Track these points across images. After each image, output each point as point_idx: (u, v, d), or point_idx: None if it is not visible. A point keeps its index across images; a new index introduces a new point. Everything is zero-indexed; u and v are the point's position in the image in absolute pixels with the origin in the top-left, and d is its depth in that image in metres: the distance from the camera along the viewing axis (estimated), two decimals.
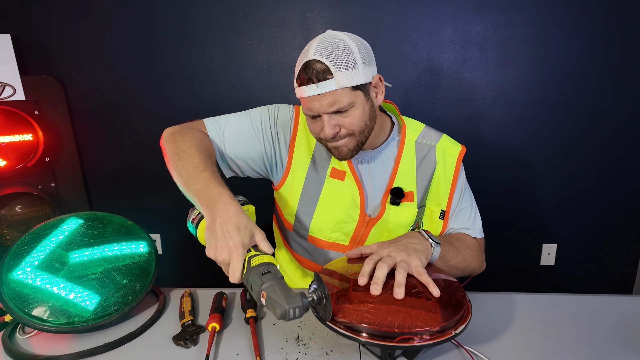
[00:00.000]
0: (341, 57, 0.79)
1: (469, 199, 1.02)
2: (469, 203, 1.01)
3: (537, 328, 0.80)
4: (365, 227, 0.97)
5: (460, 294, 0.69)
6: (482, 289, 0.94)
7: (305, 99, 0.82)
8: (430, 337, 0.61)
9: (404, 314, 0.63)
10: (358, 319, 0.63)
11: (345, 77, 0.79)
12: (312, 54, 0.79)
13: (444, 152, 0.98)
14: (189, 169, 0.79)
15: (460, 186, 1.00)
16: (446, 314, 0.64)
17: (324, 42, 0.80)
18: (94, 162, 2.03)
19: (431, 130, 1.01)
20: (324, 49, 0.79)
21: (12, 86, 1.70)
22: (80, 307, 0.78)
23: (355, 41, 0.82)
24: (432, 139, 0.99)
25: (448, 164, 0.98)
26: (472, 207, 1.02)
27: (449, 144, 1.00)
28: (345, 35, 0.82)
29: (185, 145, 0.85)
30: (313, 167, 0.97)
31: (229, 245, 0.66)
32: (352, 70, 0.80)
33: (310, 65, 0.79)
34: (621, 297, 0.91)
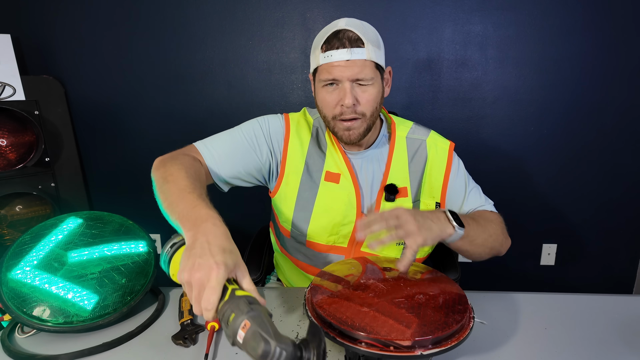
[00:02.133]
0: (370, 34, 0.85)
1: (471, 182, 1.05)
2: (474, 184, 1.05)
3: (541, 327, 0.80)
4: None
5: (457, 317, 0.64)
6: (482, 288, 0.94)
7: (331, 64, 0.84)
8: (393, 349, 0.59)
9: (381, 321, 0.62)
10: (330, 313, 0.63)
11: (374, 52, 0.84)
12: (342, 24, 0.84)
13: (435, 145, 1.00)
14: (175, 191, 0.73)
15: (455, 173, 1.01)
16: (421, 332, 0.60)
17: (352, 20, 0.86)
18: (94, 162, 2.03)
19: (420, 127, 1.04)
20: (354, 24, 0.84)
21: (12, 86, 1.70)
22: (78, 307, 0.78)
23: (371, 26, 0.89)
24: (422, 134, 1.01)
25: (440, 156, 0.99)
26: (477, 188, 1.05)
27: (438, 138, 1.02)
28: (364, 23, 0.88)
29: (174, 168, 0.80)
30: (307, 172, 0.97)
31: (209, 263, 0.56)
32: (378, 48, 0.86)
33: (343, 32, 0.83)
34: (621, 297, 0.91)
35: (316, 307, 0.67)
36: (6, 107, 1.65)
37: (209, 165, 0.93)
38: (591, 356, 0.72)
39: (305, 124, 1.01)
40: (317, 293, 0.70)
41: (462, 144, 1.89)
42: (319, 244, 0.99)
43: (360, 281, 0.73)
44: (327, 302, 0.67)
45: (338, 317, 0.63)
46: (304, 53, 1.84)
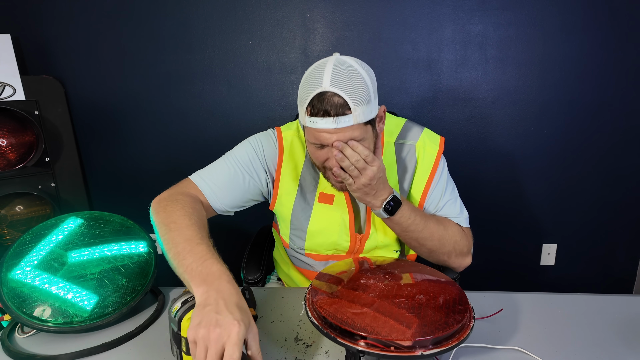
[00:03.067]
0: (358, 91, 0.75)
1: (452, 190, 1.01)
2: (453, 195, 1.01)
3: (541, 327, 0.80)
4: (359, 244, 0.97)
5: (457, 317, 0.64)
6: (482, 288, 0.94)
7: (317, 130, 0.78)
8: (394, 349, 0.59)
9: (382, 321, 0.62)
10: (331, 313, 0.63)
11: (362, 113, 0.76)
12: (327, 83, 0.75)
13: (424, 149, 0.97)
14: (181, 241, 0.73)
15: (438, 179, 0.97)
16: (422, 332, 0.60)
17: (339, 72, 0.75)
18: (94, 162, 2.03)
19: (412, 125, 1.00)
20: (340, 80, 0.75)
21: (12, 86, 1.70)
22: (78, 307, 0.78)
23: (366, 71, 0.79)
24: (412, 138, 0.97)
25: (427, 160, 0.96)
26: (456, 199, 1.01)
27: (428, 141, 0.97)
28: (356, 64, 0.78)
29: (176, 215, 0.78)
30: (300, 193, 0.96)
31: (228, 319, 0.56)
32: (367, 105, 0.77)
33: (326, 97, 0.75)
34: (621, 297, 0.91)
35: (317, 307, 0.67)
36: (6, 107, 1.65)
37: (210, 202, 0.92)
38: (591, 356, 0.72)
39: (300, 144, 0.98)
40: (318, 293, 0.70)
41: (462, 143, 1.89)
42: (318, 255, 1.00)
43: (361, 281, 0.73)
44: (327, 303, 0.67)
45: (339, 317, 0.63)
46: (304, 53, 1.84)
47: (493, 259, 2.05)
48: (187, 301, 0.68)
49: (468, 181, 1.94)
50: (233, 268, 0.72)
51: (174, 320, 0.67)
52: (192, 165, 2.00)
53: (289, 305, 0.89)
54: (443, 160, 0.99)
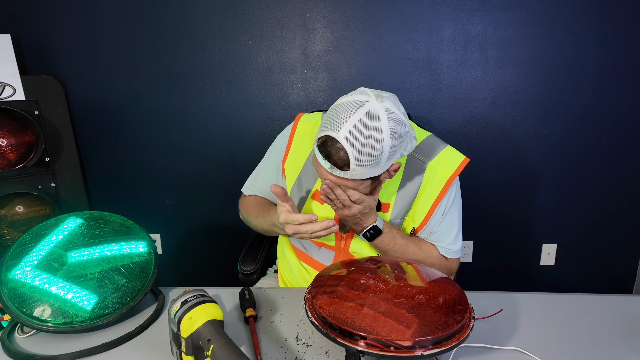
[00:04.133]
0: (368, 155, 0.73)
1: (454, 219, 0.98)
2: (453, 224, 0.98)
3: (541, 327, 0.80)
4: (345, 241, 1.00)
5: (457, 317, 0.64)
6: (482, 288, 0.94)
7: (320, 166, 0.80)
8: (394, 349, 0.59)
9: (381, 321, 0.62)
10: (331, 313, 0.63)
11: (361, 174, 0.76)
12: (342, 134, 0.73)
13: (434, 171, 0.93)
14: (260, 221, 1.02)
15: (444, 206, 0.95)
16: (421, 332, 0.60)
17: (360, 129, 0.72)
18: (94, 162, 2.03)
19: (433, 141, 0.96)
20: (355, 137, 0.72)
21: (12, 86, 1.70)
22: (77, 307, 0.78)
23: (393, 130, 0.74)
24: (427, 155, 0.94)
25: (435, 184, 0.93)
26: (453, 229, 0.98)
27: (443, 163, 0.93)
28: (386, 123, 0.73)
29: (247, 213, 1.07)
30: (298, 184, 1.01)
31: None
32: (372, 167, 0.75)
33: (335, 146, 0.75)
34: (621, 297, 0.91)
35: (316, 308, 0.67)
36: (6, 107, 1.65)
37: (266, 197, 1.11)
38: (591, 356, 0.72)
39: (310, 137, 0.99)
40: (318, 293, 0.70)
41: (462, 143, 1.89)
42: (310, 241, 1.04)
43: (361, 281, 0.73)
44: (327, 303, 0.67)
45: (338, 317, 0.63)
46: (304, 53, 1.84)
47: (493, 259, 2.05)
48: (186, 301, 0.69)
49: (468, 181, 1.93)
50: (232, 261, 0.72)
51: (174, 320, 0.67)
52: (192, 165, 2.02)
53: (289, 305, 0.89)
54: (455, 185, 0.95)
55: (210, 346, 0.63)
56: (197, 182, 2.02)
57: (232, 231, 2.07)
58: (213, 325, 0.66)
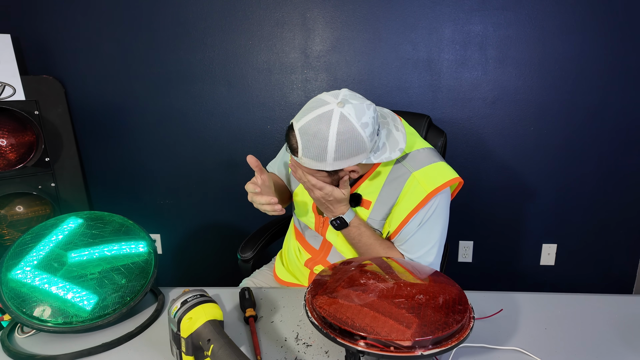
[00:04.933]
0: (312, 150, 0.82)
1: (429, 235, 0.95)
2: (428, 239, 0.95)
3: (541, 327, 0.80)
4: (322, 227, 1.05)
5: (457, 317, 0.64)
6: (482, 288, 0.94)
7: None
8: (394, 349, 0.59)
9: (381, 321, 0.62)
10: (331, 313, 0.63)
11: (308, 163, 0.85)
12: (298, 126, 0.83)
13: (416, 181, 0.93)
14: None
15: (420, 220, 0.94)
16: (421, 332, 0.60)
17: (312, 125, 0.81)
18: (94, 162, 2.03)
19: (427, 154, 0.96)
20: (305, 131, 0.82)
21: (12, 86, 1.70)
22: (77, 307, 0.78)
23: (340, 135, 0.80)
24: (415, 165, 0.94)
25: (414, 194, 0.93)
26: (426, 244, 0.96)
27: (428, 176, 0.93)
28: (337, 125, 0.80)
29: None
30: None
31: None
32: (318, 162, 0.84)
33: (291, 133, 0.86)
34: (621, 297, 0.91)
35: (316, 308, 0.67)
36: (6, 107, 1.65)
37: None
38: (591, 356, 0.72)
39: None
40: (318, 293, 0.70)
41: (462, 143, 1.89)
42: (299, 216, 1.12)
43: (361, 281, 0.73)
44: (327, 303, 0.67)
45: (338, 317, 0.63)
46: (304, 53, 1.84)
47: (493, 258, 2.05)
48: (186, 301, 0.69)
49: (468, 181, 1.93)
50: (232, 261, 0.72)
51: (174, 320, 0.67)
52: (192, 165, 2.02)
53: (289, 305, 0.89)
54: (438, 200, 0.93)
55: (210, 346, 0.63)
56: (197, 182, 2.02)
57: (232, 231, 2.07)
58: (213, 325, 0.66)
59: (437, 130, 1.27)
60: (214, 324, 0.67)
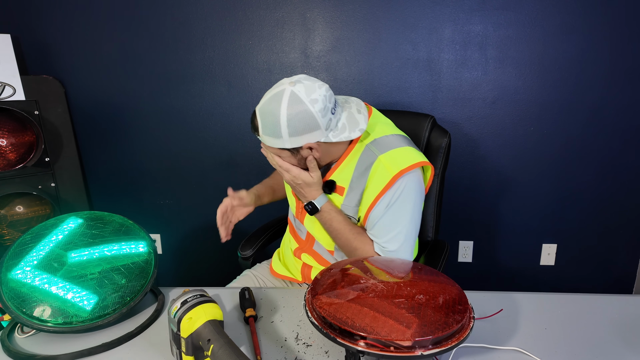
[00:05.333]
0: (268, 127, 0.90)
1: (397, 219, 0.95)
2: (396, 223, 0.95)
3: (541, 327, 0.80)
4: (301, 213, 1.08)
5: (457, 317, 0.64)
6: (482, 288, 0.94)
7: None
8: (394, 349, 0.59)
9: (381, 321, 0.62)
10: (331, 313, 0.63)
11: (268, 141, 0.93)
12: (260, 104, 0.92)
13: (382, 167, 0.94)
14: None
15: (387, 202, 0.94)
16: (421, 332, 0.60)
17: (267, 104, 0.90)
18: (94, 162, 2.03)
19: (398, 140, 0.98)
20: (263, 111, 0.91)
21: (12, 86, 1.70)
22: (77, 307, 0.78)
23: (291, 111, 0.87)
24: (382, 149, 0.96)
25: (380, 177, 0.94)
26: (393, 228, 0.95)
27: (393, 158, 0.94)
28: (287, 102, 0.87)
29: None
30: None
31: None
32: (274, 138, 0.91)
33: (254, 114, 0.94)
34: (621, 297, 0.91)
35: (316, 308, 0.67)
36: (6, 107, 1.65)
37: None
38: (591, 356, 0.72)
39: None
40: (318, 293, 0.70)
41: (462, 143, 1.89)
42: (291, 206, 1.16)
43: (361, 281, 0.73)
44: (327, 303, 0.67)
45: (338, 317, 0.63)
46: (304, 53, 1.84)
47: (493, 259, 2.05)
48: (186, 301, 0.69)
49: (468, 181, 1.94)
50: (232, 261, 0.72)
51: (174, 320, 0.67)
52: (192, 165, 2.02)
53: (289, 305, 0.89)
54: (404, 183, 0.94)
55: (210, 346, 0.63)
56: (197, 182, 2.02)
57: (232, 231, 2.06)
58: (213, 325, 0.66)
59: (441, 130, 1.27)
60: (214, 324, 0.67)
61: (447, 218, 1.93)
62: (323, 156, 0.97)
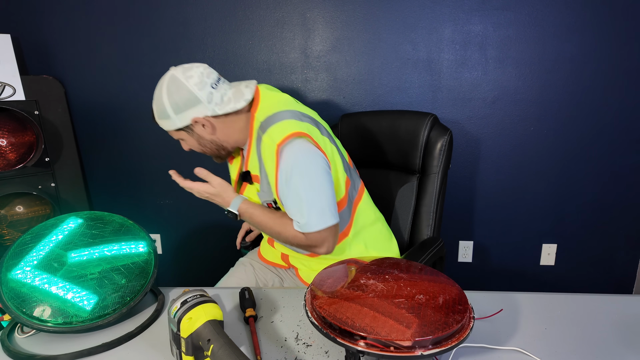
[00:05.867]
0: (159, 111, 0.97)
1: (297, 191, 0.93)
2: (298, 196, 0.93)
3: (541, 327, 0.80)
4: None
5: (457, 317, 0.64)
6: (482, 288, 0.94)
7: None
8: (394, 349, 0.59)
9: (381, 321, 0.62)
10: (331, 313, 0.63)
11: (164, 125, 0.99)
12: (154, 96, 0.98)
13: (266, 145, 0.96)
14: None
15: (284, 177, 0.94)
16: (421, 332, 0.60)
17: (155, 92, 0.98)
18: (94, 162, 2.03)
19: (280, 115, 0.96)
20: (154, 98, 0.98)
21: (12, 86, 1.70)
22: (77, 307, 0.78)
23: (169, 89, 0.94)
24: (264, 129, 0.96)
25: (268, 157, 0.96)
26: (298, 201, 0.94)
27: (274, 132, 0.94)
28: (165, 84, 0.95)
29: None
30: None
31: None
32: (166, 120, 0.97)
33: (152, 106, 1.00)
34: (621, 297, 0.91)
35: (316, 308, 0.67)
36: (6, 107, 1.65)
37: None
38: (591, 356, 0.72)
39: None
40: (317, 293, 0.70)
41: (462, 144, 1.89)
42: None
43: (361, 281, 0.73)
44: (327, 303, 0.67)
45: (338, 317, 0.63)
46: (304, 53, 1.84)
47: (493, 259, 2.05)
48: (186, 301, 0.69)
49: (468, 181, 1.94)
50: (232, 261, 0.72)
51: (173, 320, 0.67)
52: (192, 165, 2.01)
53: (289, 305, 0.89)
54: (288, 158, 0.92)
55: (210, 346, 0.63)
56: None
57: (232, 231, 2.06)
58: (213, 325, 0.66)
59: (442, 128, 1.27)
60: (214, 324, 0.67)
61: (447, 218, 1.93)
62: (224, 136, 1.01)
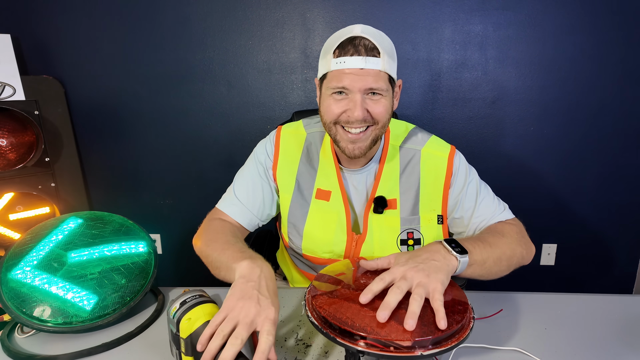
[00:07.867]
0: (386, 44, 0.80)
1: (483, 189, 0.98)
2: (486, 193, 0.98)
3: (541, 327, 0.80)
4: (355, 247, 0.94)
5: (457, 317, 0.63)
6: (482, 288, 0.94)
7: (343, 72, 0.79)
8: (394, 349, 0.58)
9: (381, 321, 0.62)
10: (330, 313, 0.63)
11: (389, 63, 0.80)
12: (358, 31, 0.79)
13: (431, 155, 0.93)
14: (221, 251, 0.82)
15: (460, 184, 0.94)
16: (421, 332, 0.59)
17: (369, 28, 0.81)
18: (94, 162, 2.03)
19: (419, 131, 0.98)
20: (370, 33, 0.79)
21: (12, 86, 1.70)
22: (77, 307, 0.78)
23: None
24: (418, 143, 0.95)
25: (437, 166, 0.93)
26: (489, 195, 0.99)
27: (435, 146, 0.95)
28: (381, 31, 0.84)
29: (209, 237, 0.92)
30: (298, 189, 0.97)
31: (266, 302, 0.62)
32: (393, 60, 0.82)
33: (359, 39, 0.78)
34: (621, 297, 0.91)
35: (316, 308, 0.67)
36: (6, 107, 1.65)
37: (242, 223, 0.99)
38: (591, 356, 0.72)
39: (296, 141, 0.99)
40: (317, 293, 0.70)
41: (462, 144, 1.89)
42: (315, 257, 0.98)
43: (361, 281, 0.73)
44: (327, 303, 0.67)
45: (338, 317, 0.63)
46: (304, 53, 1.84)
47: None
48: (185, 302, 0.68)
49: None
50: None
51: (173, 321, 0.67)
52: (191, 165, 2.02)
53: (289, 305, 0.89)
54: (459, 162, 0.95)
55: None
56: (197, 182, 2.02)
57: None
58: None
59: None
60: None
61: None
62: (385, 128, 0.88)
